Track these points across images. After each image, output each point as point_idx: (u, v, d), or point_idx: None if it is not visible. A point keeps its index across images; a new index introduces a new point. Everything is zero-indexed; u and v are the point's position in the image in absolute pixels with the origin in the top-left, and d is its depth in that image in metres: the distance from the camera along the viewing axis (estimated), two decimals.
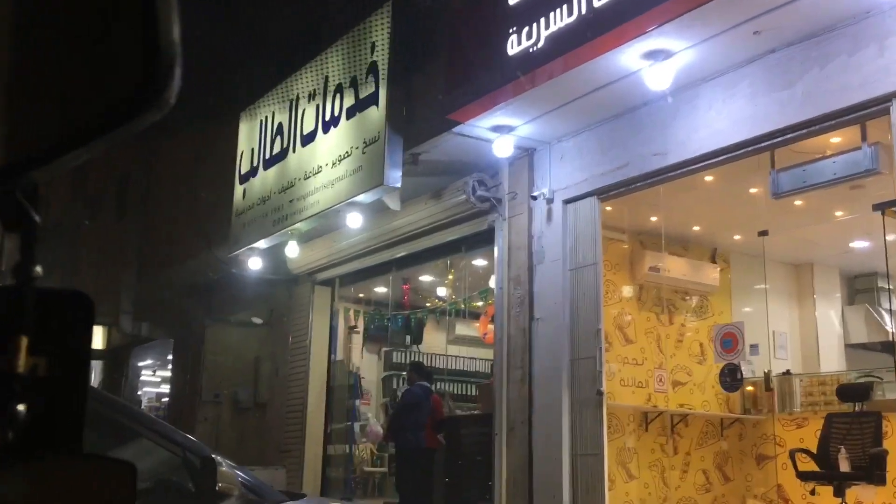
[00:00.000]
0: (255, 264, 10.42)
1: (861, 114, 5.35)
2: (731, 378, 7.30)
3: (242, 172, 10.59)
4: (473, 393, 11.54)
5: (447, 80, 7.31)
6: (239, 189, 10.60)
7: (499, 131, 7.27)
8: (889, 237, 5.98)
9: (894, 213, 5.28)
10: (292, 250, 9.75)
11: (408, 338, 12.56)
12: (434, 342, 12.49)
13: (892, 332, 8.08)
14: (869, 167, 5.55)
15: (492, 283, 8.65)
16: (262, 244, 10.03)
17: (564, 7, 6.11)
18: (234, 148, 10.77)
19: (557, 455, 7.03)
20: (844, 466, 6.01)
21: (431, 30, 8.01)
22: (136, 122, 0.73)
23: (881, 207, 5.64)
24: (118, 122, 0.73)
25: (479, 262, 9.75)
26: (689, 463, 8.57)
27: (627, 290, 8.87)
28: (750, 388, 8.68)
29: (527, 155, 7.77)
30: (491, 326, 8.72)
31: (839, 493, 6.16)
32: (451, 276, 10.62)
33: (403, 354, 12.54)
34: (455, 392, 11.84)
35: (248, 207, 10.27)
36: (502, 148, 7.29)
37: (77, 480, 0.76)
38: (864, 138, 5.57)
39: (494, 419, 7.75)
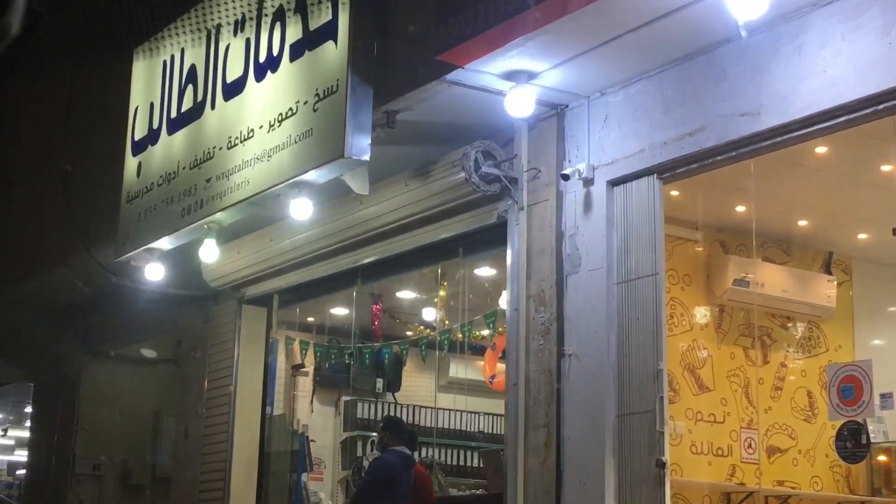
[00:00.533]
0: (154, 273, 10.40)
1: None
2: (853, 443, 7.32)
3: (137, 139, 10.59)
4: (476, 464, 11.54)
5: (439, 5, 7.33)
6: (132, 162, 10.61)
7: (514, 79, 7.28)
8: None
9: None
10: (209, 253, 9.74)
11: (380, 382, 12.56)
12: (418, 389, 12.50)
13: None
14: None
15: (503, 302, 8.66)
16: (165, 243, 10.02)
17: None
18: (123, 103, 10.77)
19: None
20: None
21: None
22: None
23: None
24: None
25: (485, 272, 9.78)
26: None
27: (702, 314, 8.90)
28: (882, 457, 8.70)
29: (555, 115, 7.80)
30: (501, 367, 8.74)
31: None
32: (442, 293, 10.63)
33: (373, 406, 12.54)
34: (449, 463, 11.84)
35: (146, 189, 10.28)
36: (519, 104, 7.31)
37: None
38: None
39: (507, 501, 7.75)
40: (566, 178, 7.64)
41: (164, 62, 10.27)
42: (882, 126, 6.28)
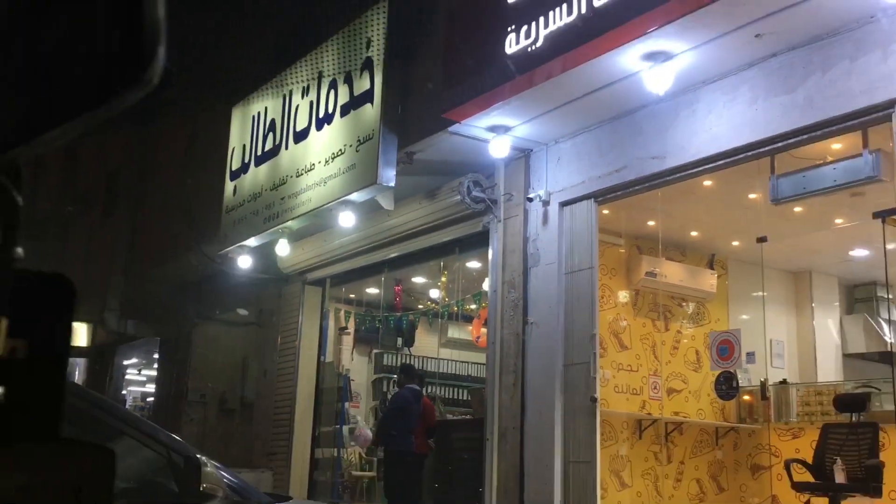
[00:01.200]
0: (244, 262, 10.41)
1: (863, 120, 5.37)
2: (727, 386, 7.32)
3: (233, 169, 10.59)
4: (465, 397, 11.54)
5: (444, 79, 7.32)
6: (229, 185, 10.60)
7: (495, 131, 7.28)
8: (889, 246, 6.00)
9: (895, 222, 5.30)
10: (283, 249, 9.74)
11: (399, 340, 12.55)
12: (426, 345, 12.48)
13: (891, 343, 8.11)
14: (870, 174, 5.57)
15: (486, 285, 8.66)
16: (252, 242, 10.02)
17: (564, 6, 6.12)
18: (225, 143, 10.77)
19: (549, 462, 7.03)
20: (840, 478, 6.03)
21: (428, 26, 8.02)
22: (117, 101, 0.73)
23: (882, 216, 5.66)
24: (99, 101, 0.73)
25: (473, 265, 9.76)
26: (682, 472, 8.59)
27: (623, 296, 8.89)
28: (746, 397, 8.71)
29: (523, 156, 7.79)
30: (484, 330, 8.73)
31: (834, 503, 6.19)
32: (444, 279, 10.63)
33: (395, 357, 12.53)
34: (447, 396, 11.83)
35: (239, 204, 10.27)
36: (499, 148, 7.30)
37: (55, 464, 0.75)
38: (865, 145, 5.59)
39: (486, 424, 7.75)
40: (531, 200, 7.63)
41: (253, 116, 10.25)
42: (750, 167, 6.27)
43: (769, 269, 9.45)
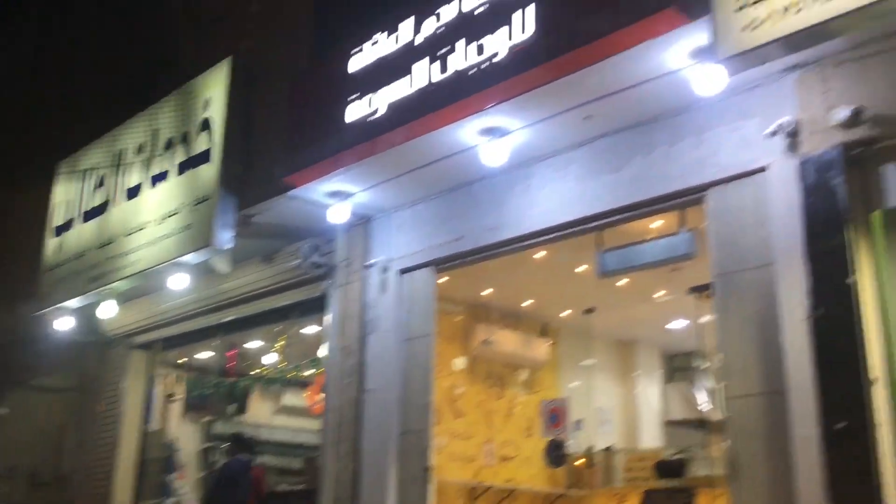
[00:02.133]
0: (65, 324, 9.78)
1: (680, 201, 5.75)
2: (556, 453, 7.49)
3: (57, 225, 10.01)
4: (300, 467, 11.19)
5: (285, 143, 7.27)
6: (53, 242, 10.00)
7: (335, 198, 7.27)
8: (702, 318, 6.39)
9: (707, 297, 5.67)
10: (107, 310, 9.24)
11: (232, 407, 12.07)
12: (260, 412, 12.06)
13: (704, 410, 8.58)
14: (686, 252, 5.94)
15: (323, 351, 8.52)
16: (73, 303, 9.45)
17: (405, 78, 6.26)
18: (46, 199, 10.20)
19: None
20: None
21: (272, 89, 7.98)
22: None
23: (696, 291, 6.03)
24: None
25: (311, 330, 9.58)
26: None
27: (459, 363, 8.98)
28: (576, 463, 8.92)
29: (363, 223, 7.80)
30: (320, 397, 8.55)
31: None
32: (281, 343, 10.37)
33: (226, 425, 12.03)
34: (280, 465, 11.44)
35: (62, 262, 9.69)
36: (338, 215, 7.28)
37: None
38: (682, 224, 5.98)
39: (320, 495, 7.54)
40: (370, 266, 7.63)
41: (83, 172, 9.78)
42: (579, 240, 6.54)
43: (596, 339, 9.85)
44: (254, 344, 11.40)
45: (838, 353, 4.66)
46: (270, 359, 11.38)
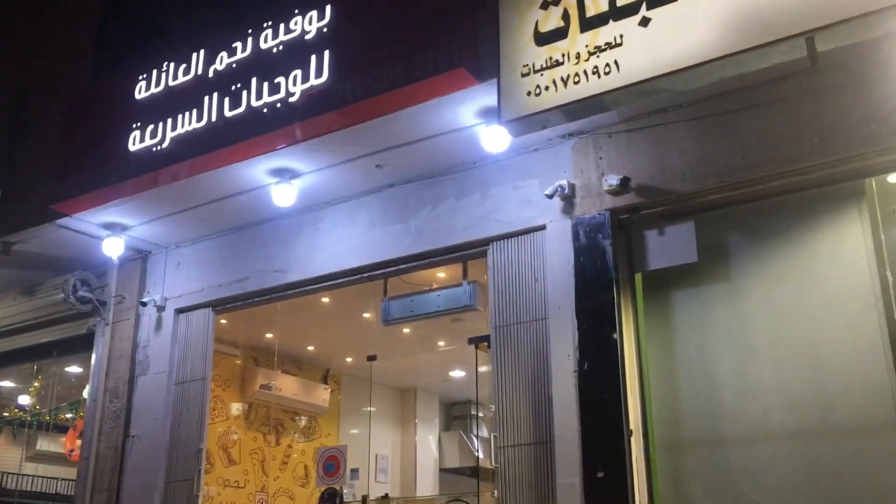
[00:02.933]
0: None
1: (463, 254, 5.92)
2: (330, 503, 7.36)
3: None
4: None
5: (57, 167, 6.79)
6: None
7: (111, 230, 6.87)
8: (480, 369, 6.59)
9: (486, 348, 5.85)
10: None
11: None
12: (7, 459, 11.00)
13: (478, 458, 8.81)
14: (467, 303, 6.13)
15: (86, 393, 7.93)
16: None
17: (195, 111, 6.07)
18: None
19: None
20: None
21: (47, 110, 7.46)
22: None
23: (475, 341, 6.22)
24: None
25: (73, 370, 8.91)
26: None
27: (236, 408, 8.68)
28: None
29: (140, 258, 7.42)
30: (79, 442, 7.94)
31: None
32: (37, 384, 9.55)
33: None
34: None
35: None
36: (113, 248, 6.88)
37: None
38: (465, 276, 6.16)
39: None
40: (144, 304, 7.25)
41: None
42: (365, 287, 6.57)
43: (379, 386, 9.88)
44: (5, 384, 10.44)
45: (601, 406, 4.95)
46: (24, 400, 10.46)
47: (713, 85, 4.67)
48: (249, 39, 6.04)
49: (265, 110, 5.76)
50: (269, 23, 5.92)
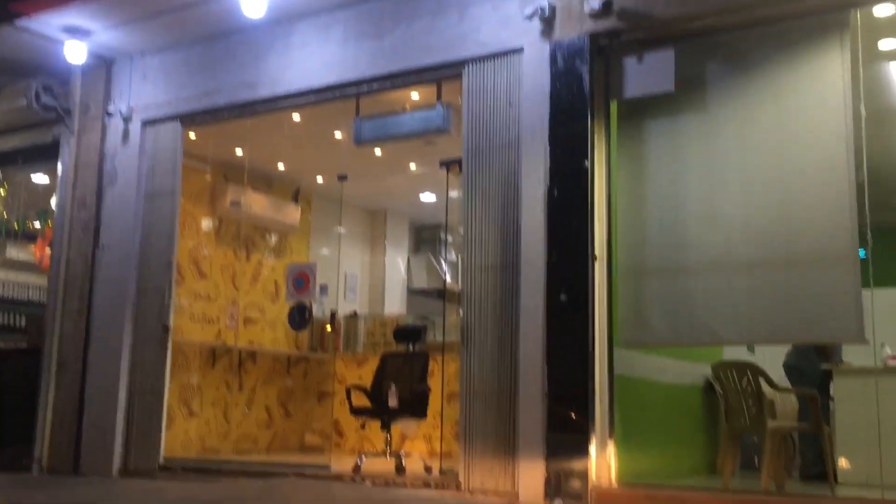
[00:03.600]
0: None
1: (438, 74, 5.81)
2: (299, 317, 7.56)
3: None
4: (22, 325, 10.50)
5: None
6: None
7: (72, 33, 6.60)
8: (451, 193, 6.61)
9: (457, 171, 5.84)
10: None
11: None
12: None
13: (445, 281, 9.01)
14: (440, 125, 6.06)
15: (54, 202, 7.89)
16: None
17: None
18: None
19: (114, 393, 6.71)
20: (393, 402, 6.58)
21: None
22: None
23: (446, 164, 6.20)
24: None
25: (40, 179, 8.83)
26: (253, 399, 8.75)
27: (206, 223, 8.69)
28: (326, 327, 9.07)
29: (104, 66, 7.18)
30: (48, 251, 7.97)
31: (385, 426, 6.77)
32: (2, 191, 9.47)
33: None
34: (1, 323, 10.67)
35: None
36: (75, 53, 6.63)
37: None
38: (439, 97, 6.06)
39: (43, 354, 7.14)
40: (110, 115, 7.10)
41: None
42: (337, 106, 6.45)
43: (349, 206, 9.92)
44: None
45: (567, 231, 5.03)
46: None
47: None
48: None
49: None
50: None
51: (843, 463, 5.75)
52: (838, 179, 4.52)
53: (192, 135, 7.24)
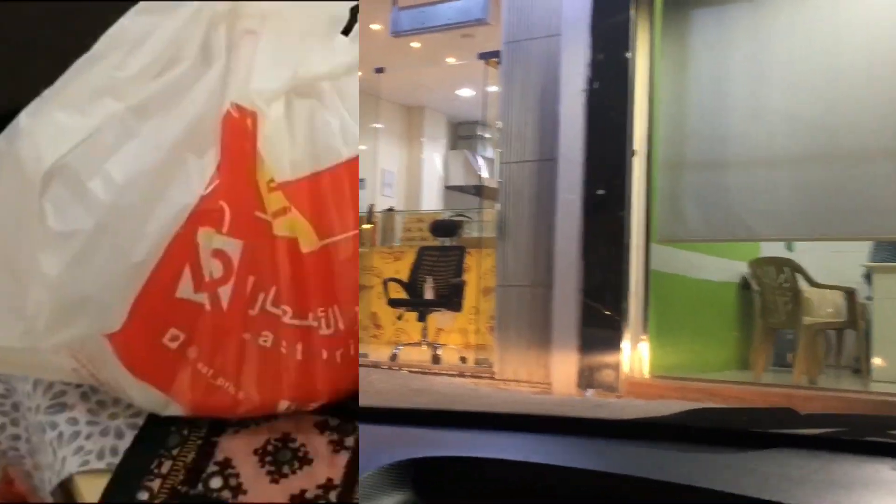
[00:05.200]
0: None
1: None
2: None
3: None
4: None
5: None
6: None
7: None
8: (489, 88, 6.49)
9: (496, 64, 5.72)
10: None
11: None
12: None
13: (482, 177, 8.97)
14: (479, 16, 5.91)
15: None
16: None
17: None
18: None
19: None
20: (429, 294, 6.65)
21: None
22: None
23: (485, 57, 6.08)
24: None
25: None
26: None
27: None
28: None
29: None
30: None
31: (422, 318, 6.86)
32: None
33: None
34: None
35: None
36: None
37: None
38: None
39: None
40: None
41: None
42: None
43: (386, 103, 9.82)
44: None
45: (607, 125, 4.92)
46: None
47: None
48: None
49: None
50: None
51: (877, 360, 5.74)
52: (891, 73, 4.34)
53: None
